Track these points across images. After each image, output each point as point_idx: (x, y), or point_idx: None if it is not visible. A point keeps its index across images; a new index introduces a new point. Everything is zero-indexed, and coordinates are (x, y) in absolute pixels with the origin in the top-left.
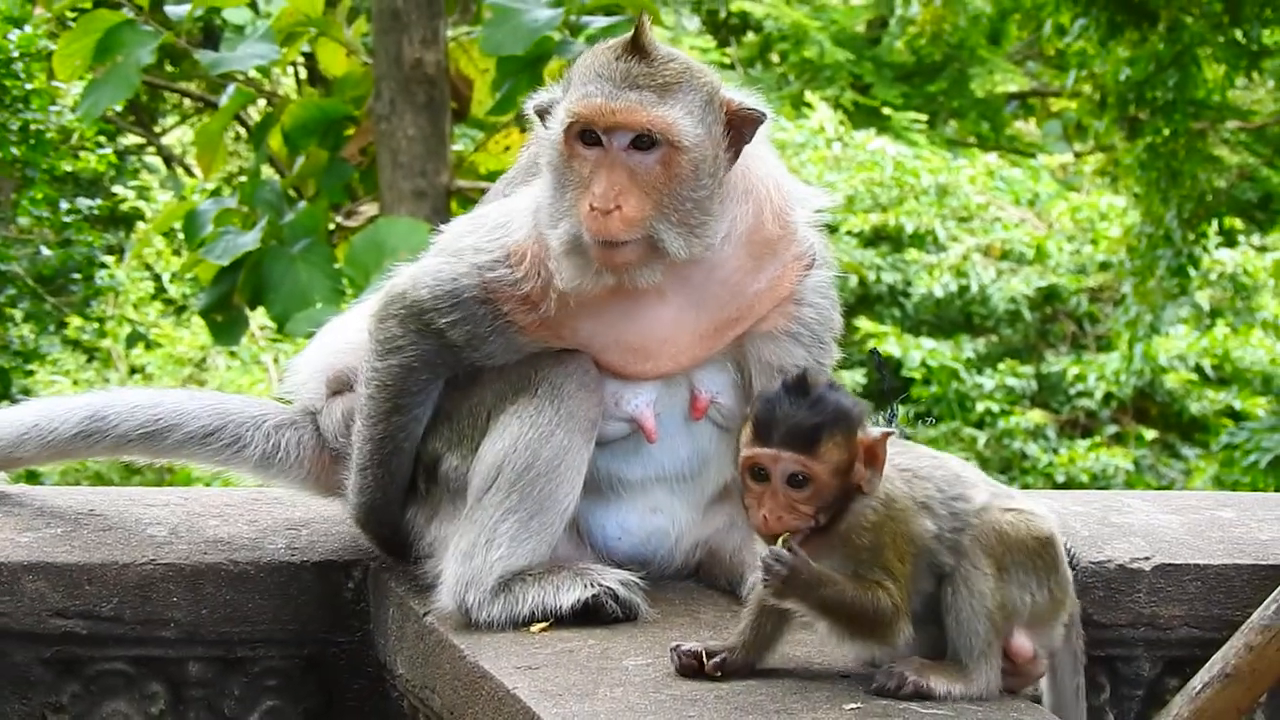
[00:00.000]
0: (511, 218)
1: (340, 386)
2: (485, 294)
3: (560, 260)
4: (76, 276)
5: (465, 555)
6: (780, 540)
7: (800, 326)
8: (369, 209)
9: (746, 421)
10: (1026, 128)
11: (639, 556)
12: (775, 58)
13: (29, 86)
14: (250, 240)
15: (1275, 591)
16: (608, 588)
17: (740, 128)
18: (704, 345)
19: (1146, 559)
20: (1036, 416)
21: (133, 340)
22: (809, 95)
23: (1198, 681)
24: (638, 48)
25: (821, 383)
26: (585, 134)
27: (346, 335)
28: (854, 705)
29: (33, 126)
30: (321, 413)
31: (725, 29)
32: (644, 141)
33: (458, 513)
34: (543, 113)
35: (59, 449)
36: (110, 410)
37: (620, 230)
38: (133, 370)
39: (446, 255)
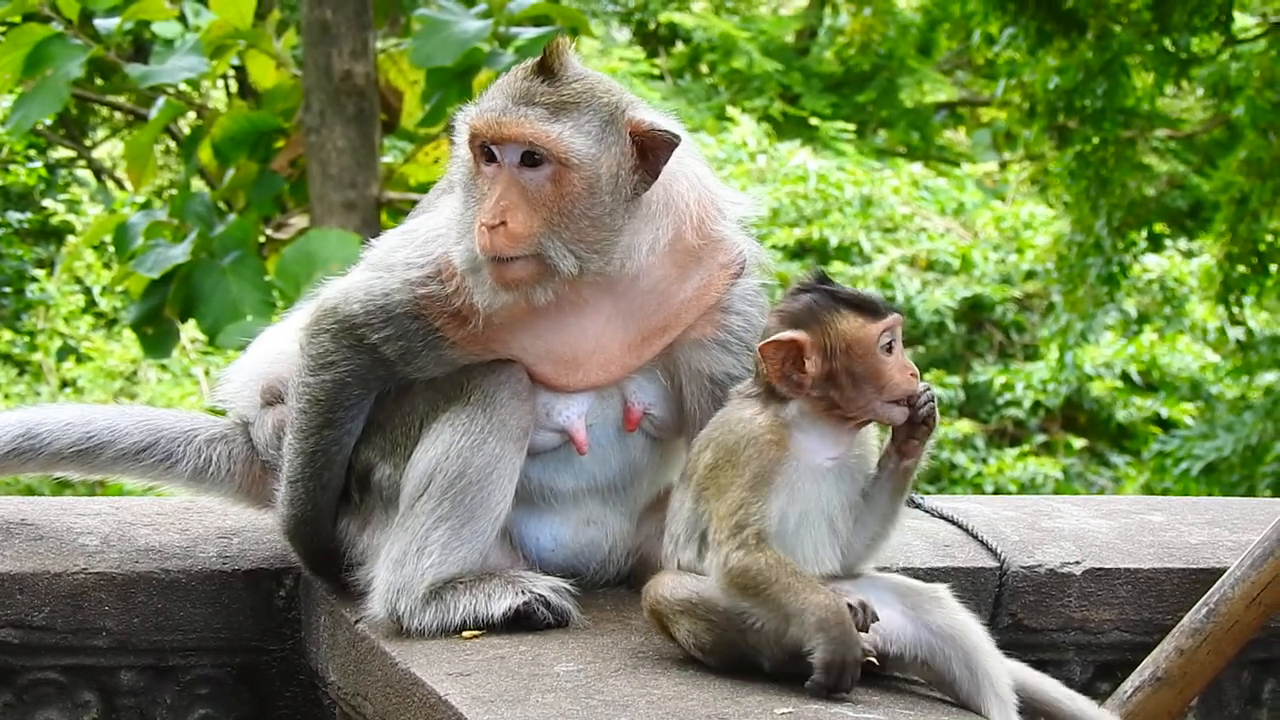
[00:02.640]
0: (442, 232)
1: (274, 397)
2: (417, 309)
3: (465, 279)
4: (6, 290)
5: (397, 563)
6: None
7: (728, 334)
8: (299, 221)
9: (839, 316)
10: (956, 137)
11: (573, 567)
12: (705, 68)
13: None
14: (180, 253)
15: (1205, 595)
16: (539, 595)
17: (653, 149)
18: (633, 355)
19: (1077, 563)
20: (964, 426)
21: (64, 354)
22: (730, 109)
23: (1129, 685)
24: (545, 68)
25: None
26: (486, 150)
27: (280, 345)
28: (785, 710)
29: None
30: (254, 424)
31: (655, 40)
32: (533, 158)
33: (390, 521)
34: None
35: None
36: (43, 428)
37: (505, 246)
38: (64, 384)
39: (378, 270)
